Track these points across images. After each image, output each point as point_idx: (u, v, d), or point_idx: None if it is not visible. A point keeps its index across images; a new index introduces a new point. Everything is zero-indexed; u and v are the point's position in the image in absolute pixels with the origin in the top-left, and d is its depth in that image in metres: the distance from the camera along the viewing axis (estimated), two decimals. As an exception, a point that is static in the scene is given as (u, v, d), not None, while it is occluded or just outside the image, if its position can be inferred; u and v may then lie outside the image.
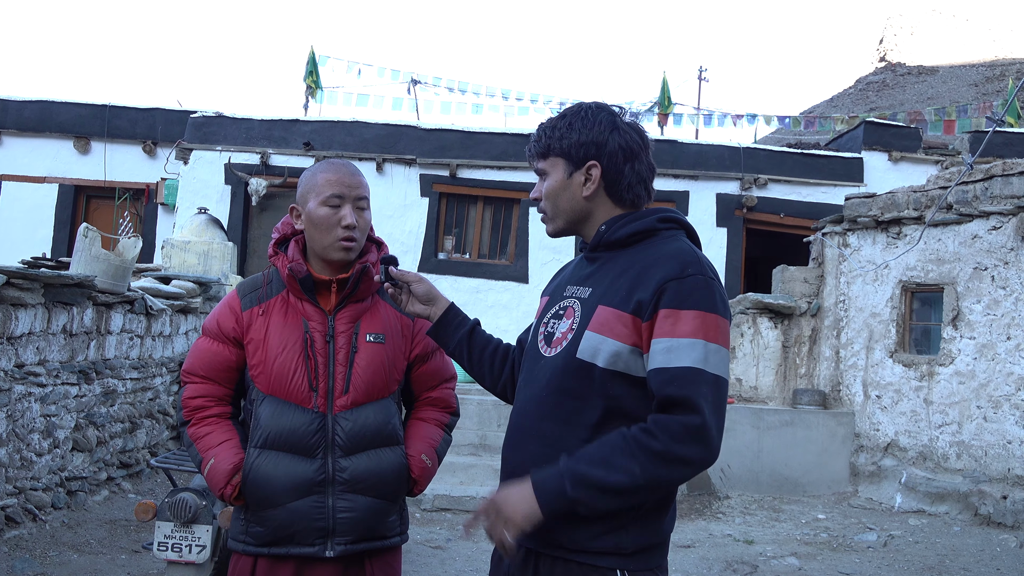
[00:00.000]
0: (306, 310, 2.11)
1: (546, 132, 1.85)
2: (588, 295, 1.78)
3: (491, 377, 2.04)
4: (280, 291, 2.14)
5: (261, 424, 2.05)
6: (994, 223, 7.26)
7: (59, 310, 5.52)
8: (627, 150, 1.80)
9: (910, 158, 12.23)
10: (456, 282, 11.76)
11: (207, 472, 2.07)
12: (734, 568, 5.61)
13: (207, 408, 2.11)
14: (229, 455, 2.06)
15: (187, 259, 9.81)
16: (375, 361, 2.11)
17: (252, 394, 2.10)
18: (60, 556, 4.85)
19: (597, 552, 1.68)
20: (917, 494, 7.29)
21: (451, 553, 5.64)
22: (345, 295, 2.12)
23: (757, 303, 8.78)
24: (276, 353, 2.06)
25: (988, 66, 30.28)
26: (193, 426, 2.11)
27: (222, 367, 2.12)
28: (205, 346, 2.13)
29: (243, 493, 2.05)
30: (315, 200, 2.09)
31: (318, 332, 2.09)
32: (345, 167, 2.13)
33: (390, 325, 2.17)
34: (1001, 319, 7.12)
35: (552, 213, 1.88)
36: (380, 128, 12.30)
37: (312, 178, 2.12)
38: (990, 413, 7.09)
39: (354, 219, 2.08)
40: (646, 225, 1.80)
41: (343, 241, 2.08)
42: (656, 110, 14.77)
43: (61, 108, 12.97)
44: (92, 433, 5.99)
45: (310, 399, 2.05)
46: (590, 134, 1.79)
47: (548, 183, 1.86)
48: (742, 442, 7.87)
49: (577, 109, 1.85)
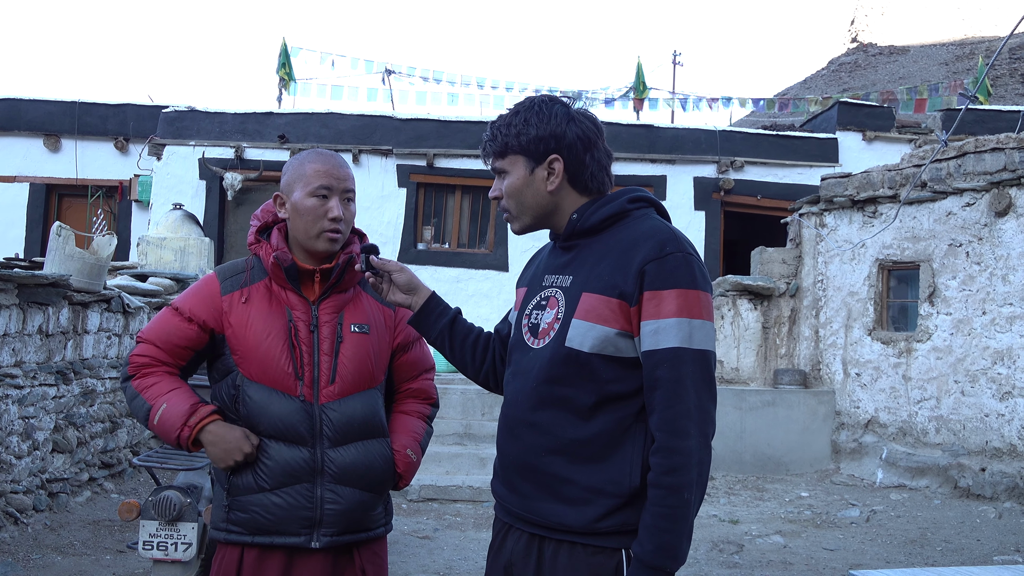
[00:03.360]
0: (289, 299, 2.08)
1: (501, 130, 1.83)
2: (570, 283, 1.78)
3: (473, 366, 2.03)
4: (262, 278, 2.10)
5: (249, 408, 2.02)
6: (968, 200, 7.35)
7: (34, 310, 5.44)
8: (585, 139, 1.80)
9: (884, 137, 12.34)
10: (436, 272, 11.73)
11: (159, 418, 2.00)
12: (720, 548, 5.66)
13: (154, 366, 2.07)
14: (182, 399, 2.01)
15: (163, 256, 9.69)
16: (360, 351, 2.09)
17: (236, 379, 2.05)
18: (43, 559, 4.80)
19: (605, 533, 1.69)
20: (898, 469, 7.39)
21: (438, 543, 5.64)
22: (329, 285, 2.09)
23: (736, 285, 8.84)
24: (260, 340, 2.03)
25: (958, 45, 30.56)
26: (138, 379, 2.06)
27: (179, 343, 2.07)
28: (168, 317, 2.09)
29: (199, 439, 2.00)
30: (302, 190, 2.06)
31: (302, 321, 2.06)
32: (334, 158, 2.11)
33: (373, 316, 2.16)
34: (976, 294, 7.21)
35: (517, 211, 1.86)
36: (355, 119, 12.21)
37: (300, 167, 2.09)
38: (967, 387, 7.19)
39: (341, 211, 2.06)
40: (617, 208, 1.80)
41: (329, 233, 2.05)
42: (632, 95, 14.78)
43: (30, 106, 12.76)
44: (72, 434, 5.93)
45: (296, 388, 2.02)
46: (547, 128, 1.79)
47: (509, 181, 1.84)
48: (725, 423, 7.93)
49: (530, 104, 1.83)
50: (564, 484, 1.71)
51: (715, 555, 5.52)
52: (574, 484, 1.70)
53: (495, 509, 1.92)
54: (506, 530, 1.85)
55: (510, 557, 1.81)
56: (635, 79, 14.71)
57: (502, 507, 1.86)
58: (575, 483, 1.70)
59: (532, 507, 1.75)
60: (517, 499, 1.79)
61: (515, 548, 1.79)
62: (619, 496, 1.68)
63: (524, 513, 1.77)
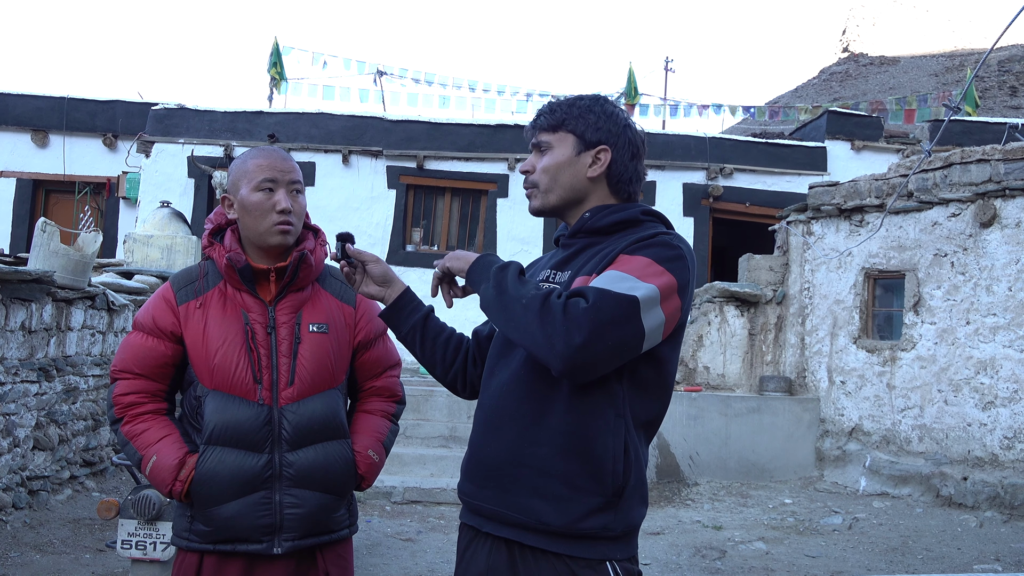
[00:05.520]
0: (245, 301, 2.05)
1: (563, 107, 1.85)
2: (567, 279, 1.78)
3: (443, 366, 1.98)
4: (217, 283, 2.08)
5: (206, 419, 1.99)
6: (953, 210, 7.40)
7: (17, 306, 5.40)
8: (634, 147, 1.86)
9: (872, 147, 12.42)
10: (425, 274, 11.70)
11: (150, 470, 1.99)
12: (703, 554, 5.67)
13: (141, 404, 2.04)
14: (172, 451, 1.99)
15: (150, 254, 9.64)
16: (320, 351, 2.07)
17: (197, 390, 2.03)
18: (22, 557, 4.76)
19: (587, 536, 1.65)
20: (881, 477, 7.43)
21: (422, 545, 5.63)
22: (284, 284, 2.07)
23: (724, 291, 8.86)
24: (216, 347, 2.00)
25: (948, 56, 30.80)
26: (127, 424, 2.03)
27: (157, 363, 2.04)
28: (138, 341, 2.05)
29: (189, 491, 1.99)
30: (247, 186, 2.04)
31: (258, 323, 2.04)
32: (276, 152, 2.09)
33: (332, 315, 2.13)
34: (961, 304, 7.26)
35: (547, 187, 1.84)
36: (346, 120, 12.19)
37: (242, 165, 2.08)
38: (951, 396, 7.23)
39: (289, 203, 2.03)
40: (630, 215, 1.82)
41: (279, 225, 2.03)
42: (623, 100, 14.82)
43: (17, 100, 12.69)
44: (54, 431, 5.89)
45: (255, 392, 2.00)
46: (607, 122, 1.83)
47: (551, 157, 1.83)
48: (710, 429, 7.95)
49: (595, 98, 1.88)
50: (545, 477, 1.66)
51: (697, 561, 5.53)
52: (556, 478, 1.66)
53: (461, 515, 1.85)
54: (474, 538, 1.79)
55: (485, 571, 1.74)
56: (627, 84, 14.76)
57: (471, 508, 1.80)
58: (557, 477, 1.66)
59: (509, 502, 1.69)
60: (492, 495, 1.73)
61: (490, 561, 1.73)
62: (602, 495, 1.65)
63: (499, 510, 1.71)
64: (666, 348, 1.72)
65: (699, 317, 8.97)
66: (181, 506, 2.05)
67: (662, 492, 7.47)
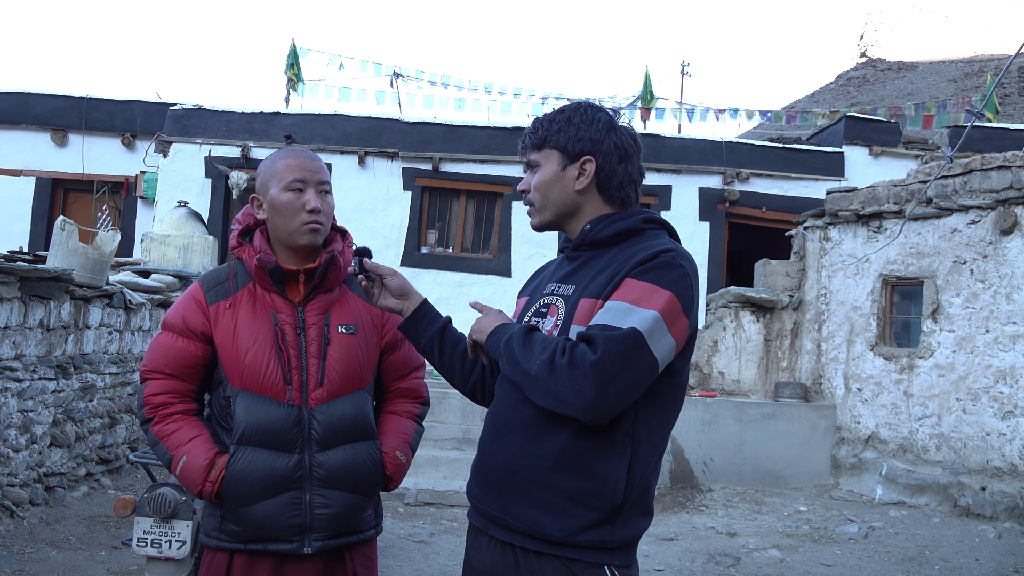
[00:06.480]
0: (275, 302, 2.06)
1: (543, 124, 1.87)
2: (572, 292, 1.79)
3: (461, 376, 2.00)
4: (246, 283, 2.08)
5: (237, 419, 2.00)
6: (973, 217, 7.33)
7: (36, 304, 5.44)
8: (621, 150, 1.83)
9: (890, 153, 12.32)
10: (439, 276, 11.73)
11: (180, 471, 2.00)
12: (717, 560, 5.63)
13: (171, 405, 2.04)
14: (202, 451, 1.99)
15: (167, 253, 9.70)
16: (349, 353, 2.07)
17: (226, 390, 2.03)
18: (38, 553, 4.78)
19: (585, 546, 1.67)
20: (897, 486, 7.36)
21: (434, 547, 5.62)
22: (314, 285, 2.07)
23: (739, 297, 8.82)
24: (247, 347, 2.00)
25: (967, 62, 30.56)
26: (157, 424, 2.04)
27: (187, 363, 2.05)
28: (168, 341, 2.06)
29: (219, 491, 1.99)
30: (277, 186, 2.05)
31: (288, 324, 2.04)
32: (305, 153, 2.11)
33: (360, 316, 2.14)
34: (980, 312, 7.19)
35: (540, 204, 1.87)
36: (362, 121, 12.22)
37: (272, 165, 2.09)
38: (969, 405, 7.16)
39: (318, 203, 2.05)
40: (631, 225, 1.81)
41: (309, 225, 2.04)
42: (639, 104, 14.79)
43: (38, 100, 12.80)
44: (70, 428, 5.92)
45: (285, 392, 2.00)
46: (588, 131, 1.82)
47: (540, 175, 1.86)
48: (725, 435, 7.90)
49: (576, 106, 1.87)
50: (546, 491, 1.69)
51: (711, 567, 5.49)
52: (556, 492, 1.68)
53: (469, 514, 1.89)
54: (477, 537, 1.82)
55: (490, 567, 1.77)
56: (643, 88, 14.72)
57: (476, 510, 1.83)
58: (557, 491, 1.68)
59: (510, 510, 1.72)
60: (495, 500, 1.76)
61: (494, 558, 1.76)
62: (601, 511, 1.67)
63: (501, 516, 1.74)
64: (679, 361, 1.74)
65: (714, 322, 8.92)
66: (210, 506, 2.05)
67: (675, 498, 7.43)
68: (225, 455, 2.01)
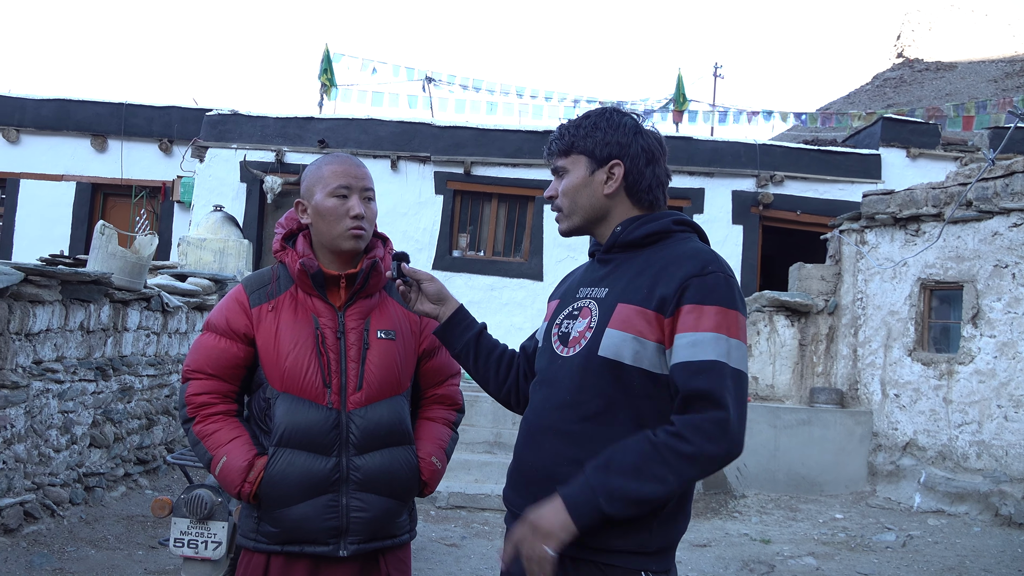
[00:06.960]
0: (316, 306, 2.08)
1: (570, 130, 1.87)
2: (605, 295, 1.78)
3: (496, 382, 2.02)
4: (288, 287, 2.11)
5: (276, 421, 2.02)
6: (1015, 220, 7.17)
7: (76, 307, 5.55)
8: (648, 153, 1.84)
9: (928, 155, 12.11)
10: (471, 280, 11.75)
11: (219, 471, 2.02)
12: (751, 567, 5.57)
13: (212, 405, 2.07)
14: (242, 452, 2.02)
15: (203, 256, 9.84)
16: (387, 358, 2.09)
17: (266, 392, 2.06)
18: (77, 551, 4.87)
19: (622, 552, 1.67)
20: (936, 494, 7.22)
21: (466, 551, 5.63)
22: (355, 291, 2.10)
23: (774, 301, 8.72)
24: (288, 350, 2.03)
25: (1008, 62, 29.96)
26: (199, 423, 2.07)
27: (229, 364, 2.08)
28: (211, 342, 2.09)
29: (257, 492, 2.02)
30: (322, 192, 2.07)
31: (329, 328, 2.07)
32: (350, 159, 2.13)
33: (399, 322, 2.15)
34: (1022, 317, 7.03)
35: (569, 210, 1.87)
36: (395, 126, 12.30)
37: (318, 171, 2.11)
38: (1011, 412, 7.00)
39: (362, 209, 2.07)
40: (662, 227, 1.82)
41: (353, 230, 2.06)
42: (671, 107, 14.69)
43: (78, 107, 13.07)
44: (109, 429, 6.03)
45: (324, 396, 2.02)
46: (615, 135, 1.83)
47: (568, 180, 1.86)
48: (759, 441, 7.81)
49: (601, 111, 1.87)
50: None
51: (745, 575, 5.43)
52: None
53: (505, 519, 1.88)
54: None
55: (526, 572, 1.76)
56: (675, 91, 14.63)
57: (513, 515, 1.83)
58: None
59: None
60: (532, 506, 1.74)
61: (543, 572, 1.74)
62: (641, 518, 1.66)
63: None
64: None
65: (748, 326, 8.83)
66: (248, 507, 2.08)
67: (708, 504, 7.36)
68: (264, 456, 2.03)
